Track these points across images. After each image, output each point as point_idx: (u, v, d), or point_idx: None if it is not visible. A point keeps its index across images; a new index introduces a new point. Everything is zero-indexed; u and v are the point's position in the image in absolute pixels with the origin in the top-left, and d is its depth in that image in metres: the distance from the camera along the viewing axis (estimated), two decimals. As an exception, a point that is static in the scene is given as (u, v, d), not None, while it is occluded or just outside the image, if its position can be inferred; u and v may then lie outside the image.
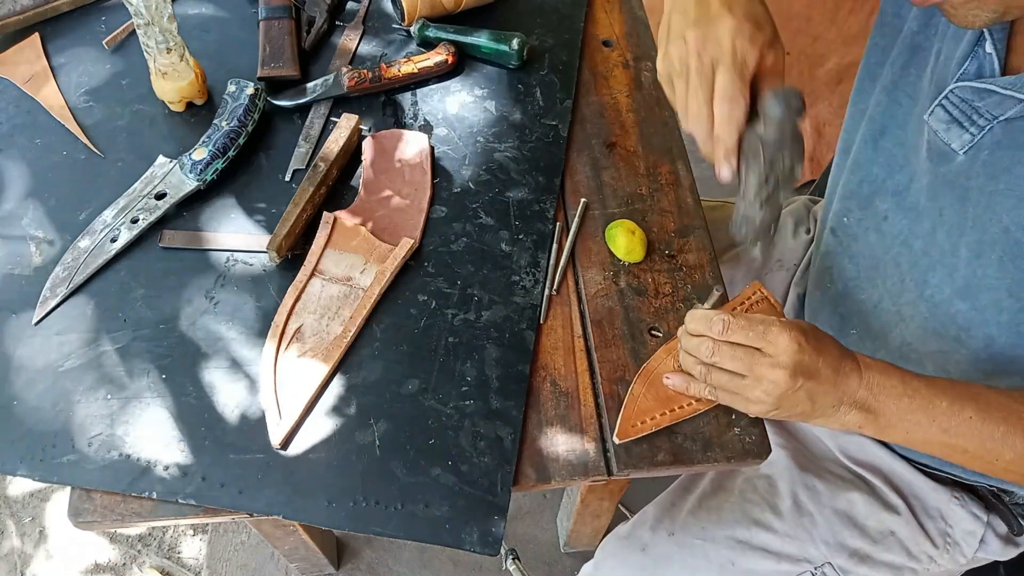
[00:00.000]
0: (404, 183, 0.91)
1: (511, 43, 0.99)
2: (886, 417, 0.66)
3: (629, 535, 0.96)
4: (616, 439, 0.75)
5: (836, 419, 0.67)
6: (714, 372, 0.69)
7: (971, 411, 0.65)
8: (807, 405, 0.66)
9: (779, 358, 0.64)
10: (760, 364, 0.65)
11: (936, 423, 0.65)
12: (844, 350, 0.67)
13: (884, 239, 0.81)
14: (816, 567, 0.89)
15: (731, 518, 0.92)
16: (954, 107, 0.68)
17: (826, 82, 1.98)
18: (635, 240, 0.86)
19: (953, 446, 0.67)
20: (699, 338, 0.68)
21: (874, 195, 0.81)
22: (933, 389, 0.66)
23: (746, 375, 0.66)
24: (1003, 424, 0.65)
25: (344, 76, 0.95)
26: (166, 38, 0.87)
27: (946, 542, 0.89)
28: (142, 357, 0.78)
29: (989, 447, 0.65)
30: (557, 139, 0.96)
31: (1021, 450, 0.65)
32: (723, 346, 0.66)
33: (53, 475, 0.72)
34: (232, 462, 0.73)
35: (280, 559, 1.47)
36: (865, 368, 0.66)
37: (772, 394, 0.65)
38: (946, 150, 0.69)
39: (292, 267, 0.84)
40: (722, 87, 0.63)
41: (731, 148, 0.64)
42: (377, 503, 0.72)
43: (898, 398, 0.65)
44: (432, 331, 0.81)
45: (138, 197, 0.86)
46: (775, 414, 0.68)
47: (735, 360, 0.66)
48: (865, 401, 0.66)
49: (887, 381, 0.66)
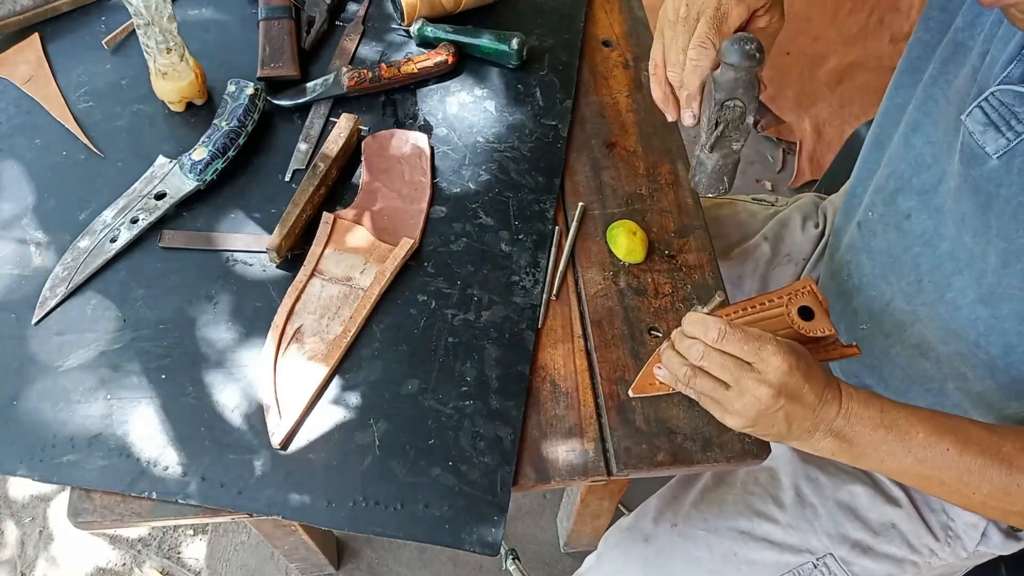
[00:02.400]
0: (404, 183, 0.91)
1: (511, 43, 0.99)
2: (860, 447, 0.66)
3: (632, 527, 0.96)
4: (631, 392, 0.76)
5: (810, 444, 0.67)
6: (699, 377, 0.68)
7: (949, 443, 0.65)
8: (783, 427, 0.66)
9: (767, 375, 0.64)
10: (746, 377, 0.65)
11: (912, 454, 0.65)
12: (830, 379, 0.67)
13: (905, 238, 0.81)
14: (818, 558, 0.89)
15: (733, 509, 0.92)
16: (993, 110, 0.67)
17: (826, 82, 1.98)
18: (636, 241, 0.86)
19: (929, 477, 0.66)
20: (692, 340, 0.68)
21: (898, 192, 0.81)
22: (911, 420, 0.66)
23: (731, 386, 0.66)
24: (981, 457, 0.64)
25: (344, 76, 0.95)
26: (166, 38, 0.87)
27: (947, 535, 0.89)
28: (142, 357, 0.78)
29: (966, 480, 0.65)
30: (557, 139, 0.96)
31: (999, 484, 0.64)
32: (714, 352, 0.66)
33: (53, 475, 0.72)
34: (232, 462, 0.73)
35: (280, 559, 1.47)
36: (846, 398, 0.66)
37: (752, 409, 0.65)
38: (980, 153, 0.68)
39: (292, 267, 0.84)
40: (696, 35, 0.66)
41: (693, 93, 0.67)
42: (377, 503, 0.72)
43: (874, 428, 0.65)
44: (432, 331, 0.81)
45: (138, 197, 0.86)
46: (751, 430, 0.68)
47: (723, 369, 0.66)
48: (841, 430, 0.66)
49: (865, 412, 0.66)
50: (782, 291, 0.77)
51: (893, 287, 0.83)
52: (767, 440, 0.70)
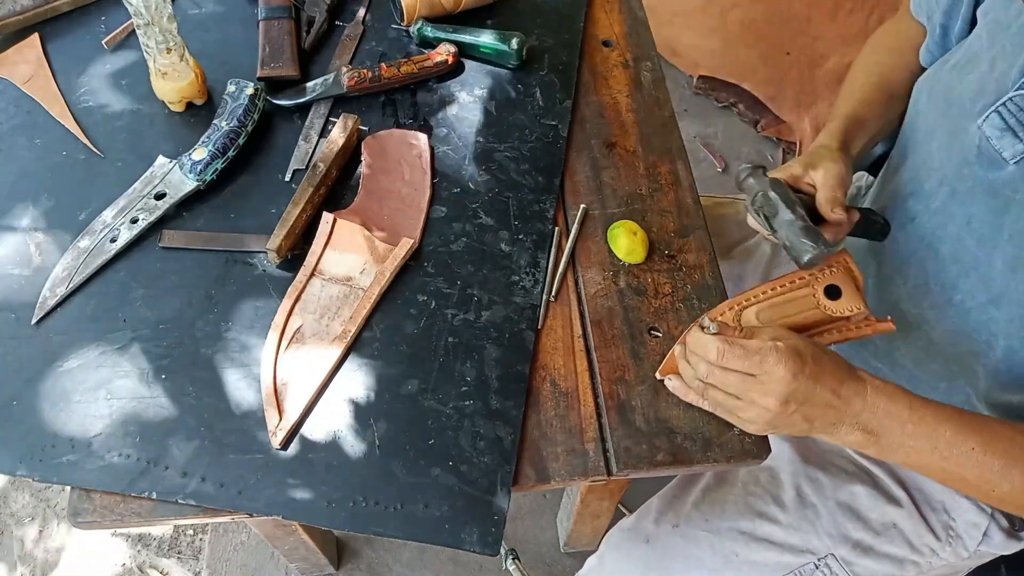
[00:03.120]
0: (404, 183, 0.91)
1: (511, 43, 0.99)
2: (888, 441, 0.67)
3: (633, 527, 0.97)
4: (657, 375, 0.78)
5: (837, 436, 0.69)
6: (711, 391, 0.70)
7: (974, 442, 0.66)
8: (804, 425, 0.67)
9: (771, 386, 0.65)
10: (752, 390, 0.66)
11: (938, 451, 0.66)
12: (848, 373, 0.67)
13: (910, 240, 0.81)
14: (819, 558, 0.90)
15: (735, 510, 0.92)
16: (1011, 115, 0.68)
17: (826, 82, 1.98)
18: (637, 241, 0.86)
19: (952, 474, 0.68)
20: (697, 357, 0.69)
21: (910, 196, 0.82)
22: (939, 417, 0.67)
23: (740, 398, 0.68)
24: (1004, 457, 0.66)
25: (344, 76, 0.95)
26: (166, 38, 0.87)
27: (948, 535, 0.90)
28: (142, 357, 0.78)
29: (988, 478, 0.66)
30: (557, 139, 0.96)
31: (1019, 484, 0.66)
32: (717, 370, 0.68)
33: (53, 475, 0.72)
34: (232, 462, 0.73)
35: (280, 559, 1.47)
36: (873, 391, 0.67)
37: (764, 417, 0.67)
38: (996, 158, 0.69)
39: (292, 267, 0.84)
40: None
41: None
42: (377, 503, 0.72)
43: (903, 424, 0.66)
44: (432, 331, 0.81)
45: (138, 197, 0.86)
46: (773, 432, 0.70)
47: (728, 385, 0.68)
48: (868, 423, 0.67)
49: (893, 406, 0.66)
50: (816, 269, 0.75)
51: (900, 290, 0.84)
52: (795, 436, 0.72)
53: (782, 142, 2.07)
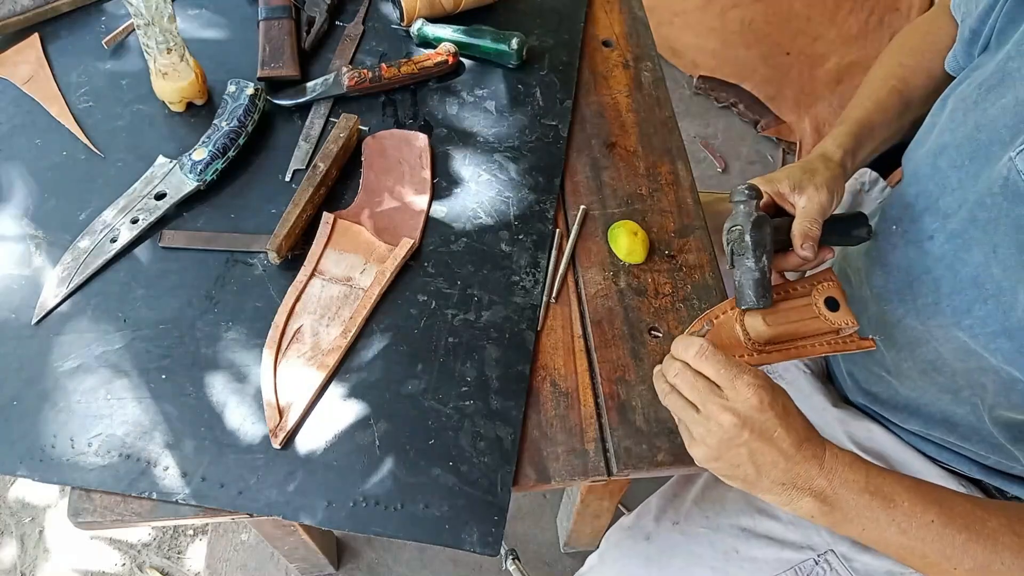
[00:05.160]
0: (404, 183, 0.91)
1: (511, 43, 0.99)
2: (843, 511, 0.65)
3: (633, 525, 0.96)
4: None
5: (787, 501, 0.66)
6: (671, 396, 0.68)
7: (933, 514, 0.63)
8: (750, 468, 0.64)
9: (734, 403, 0.63)
10: (713, 402, 0.64)
11: (895, 523, 0.64)
12: (812, 435, 0.65)
13: (925, 258, 0.79)
14: (819, 555, 0.89)
15: (734, 507, 0.92)
16: None
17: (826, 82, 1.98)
18: (637, 241, 0.86)
19: (911, 549, 0.65)
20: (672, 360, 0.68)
21: (926, 212, 0.79)
22: (896, 488, 0.65)
23: (699, 409, 0.65)
24: (965, 532, 0.63)
25: (344, 76, 0.95)
26: (166, 38, 0.87)
27: None
28: (142, 357, 0.78)
29: (948, 554, 0.63)
30: (557, 139, 0.96)
31: (982, 560, 0.63)
32: (688, 372, 0.66)
33: (53, 475, 0.72)
34: (232, 462, 0.73)
35: (280, 559, 1.47)
36: (831, 458, 0.65)
37: (715, 436, 0.64)
38: None
39: (292, 267, 0.84)
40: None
41: None
42: (377, 503, 0.72)
43: (858, 493, 0.64)
44: (432, 331, 0.81)
45: (138, 197, 0.86)
46: (715, 467, 0.66)
47: (693, 389, 0.65)
48: (823, 491, 0.64)
49: (851, 475, 0.64)
50: (804, 280, 0.77)
51: (907, 305, 0.82)
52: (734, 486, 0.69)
53: (782, 142, 2.07)
